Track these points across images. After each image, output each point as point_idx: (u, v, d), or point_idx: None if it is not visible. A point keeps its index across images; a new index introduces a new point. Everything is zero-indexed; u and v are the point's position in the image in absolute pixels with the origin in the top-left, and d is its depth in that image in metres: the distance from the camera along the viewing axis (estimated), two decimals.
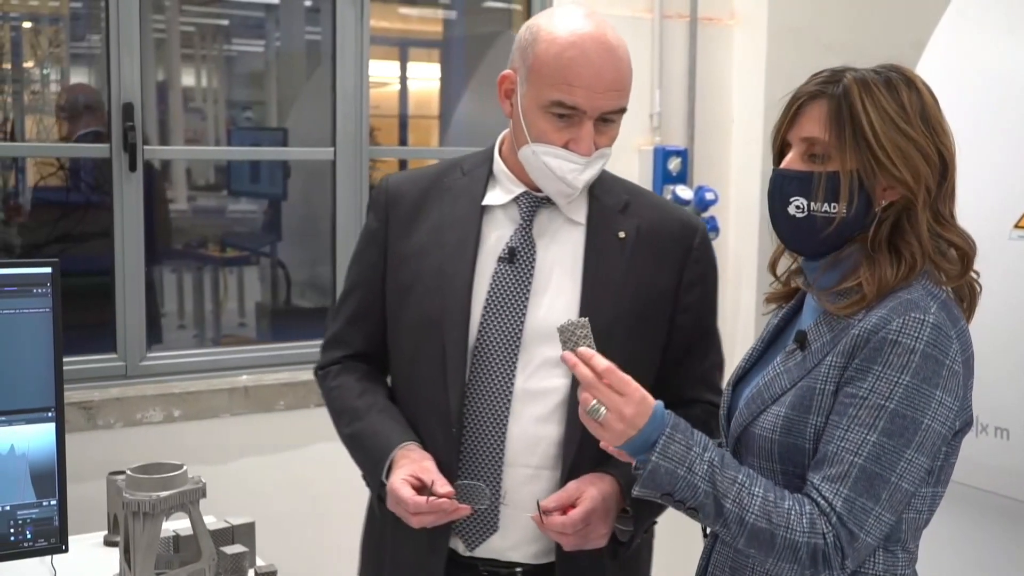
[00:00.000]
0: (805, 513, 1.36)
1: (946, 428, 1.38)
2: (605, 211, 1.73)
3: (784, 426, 1.43)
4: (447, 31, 6.53)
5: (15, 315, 1.99)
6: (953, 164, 1.44)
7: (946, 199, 1.44)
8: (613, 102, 1.65)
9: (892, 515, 1.38)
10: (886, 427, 1.34)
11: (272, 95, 7.17)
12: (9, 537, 2.01)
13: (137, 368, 2.80)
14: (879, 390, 1.35)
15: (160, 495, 1.96)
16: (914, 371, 1.34)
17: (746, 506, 1.36)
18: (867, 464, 1.35)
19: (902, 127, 1.40)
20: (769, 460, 1.45)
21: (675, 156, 3.28)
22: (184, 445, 2.69)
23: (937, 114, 1.44)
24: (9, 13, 6.34)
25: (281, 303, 5.24)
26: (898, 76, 1.44)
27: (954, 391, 1.37)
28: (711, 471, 1.37)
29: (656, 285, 1.73)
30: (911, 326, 1.35)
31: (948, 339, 1.36)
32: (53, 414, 2.03)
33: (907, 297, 1.38)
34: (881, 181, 1.41)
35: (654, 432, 1.39)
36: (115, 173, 2.74)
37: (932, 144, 1.41)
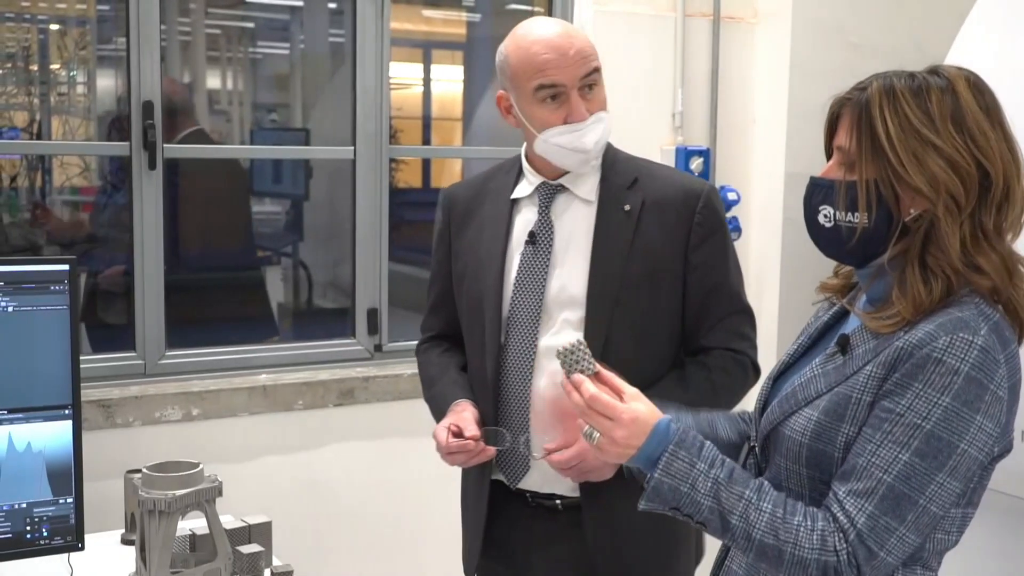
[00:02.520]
0: (817, 529, 1.34)
1: (983, 454, 1.34)
2: (613, 189, 1.95)
3: (815, 431, 1.40)
4: (471, 33, 6.53)
5: (32, 312, 2.00)
6: (1004, 173, 1.34)
7: (992, 211, 1.35)
8: (583, 66, 1.88)
9: (917, 537, 1.34)
10: (920, 447, 1.31)
11: (297, 97, 7.19)
12: (25, 535, 2.01)
13: (156, 366, 2.80)
14: (917, 408, 1.31)
15: (176, 493, 1.96)
16: (956, 393, 1.30)
17: (753, 522, 1.35)
18: (896, 483, 1.31)
19: (924, 134, 1.34)
20: (796, 463, 1.43)
21: (697, 156, 3.26)
22: (202, 444, 2.68)
23: (979, 120, 1.35)
24: (37, 15, 6.40)
25: (303, 303, 5.25)
26: (935, 80, 1.37)
27: (996, 417, 1.33)
28: (716, 488, 1.36)
29: (664, 250, 1.91)
30: (958, 346, 1.31)
31: (995, 363, 1.32)
32: (70, 411, 2.04)
33: (958, 315, 1.33)
34: (900, 191, 1.36)
35: (658, 448, 1.39)
36: (135, 171, 2.74)
37: (965, 152, 1.33)
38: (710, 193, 1.97)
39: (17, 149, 4.91)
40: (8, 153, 4.82)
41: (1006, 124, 1.38)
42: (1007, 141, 1.37)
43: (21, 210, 5.00)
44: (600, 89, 1.92)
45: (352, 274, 3.10)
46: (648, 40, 3.27)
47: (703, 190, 1.96)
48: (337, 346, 3.07)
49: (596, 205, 1.95)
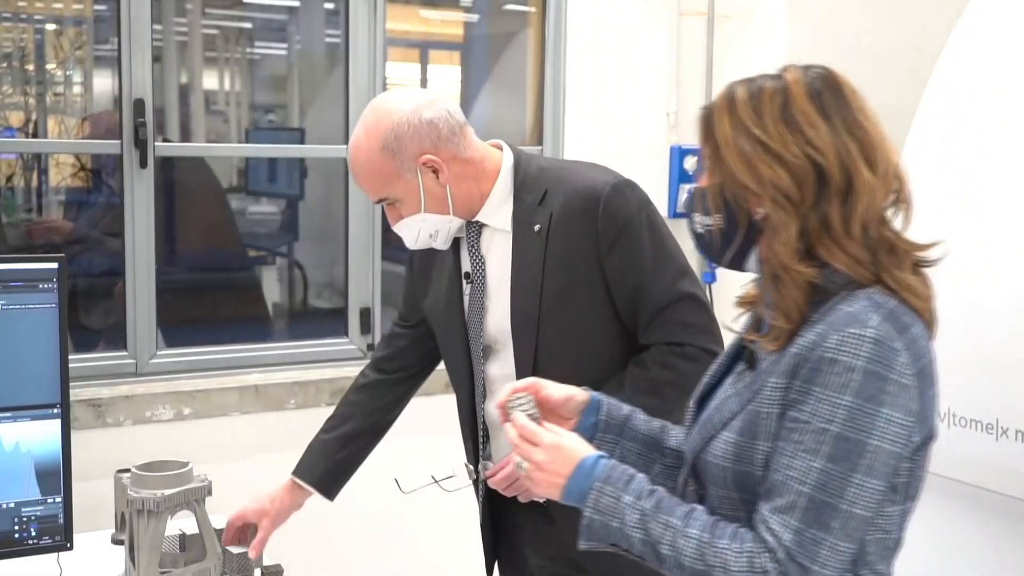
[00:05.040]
0: (744, 551, 1.31)
1: (899, 446, 1.30)
2: (525, 209, 1.91)
3: (735, 453, 1.38)
4: (467, 33, 6.52)
5: (21, 311, 1.99)
6: (841, 165, 1.33)
7: (836, 204, 1.33)
8: (369, 196, 1.96)
9: (849, 543, 1.30)
10: (831, 452, 1.28)
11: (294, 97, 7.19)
12: (14, 535, 2.00)
13: (147, 366, 2.80)
14: (820, 413, 1.28)
15: (165, 493, 1.95)
16: (856, 390, 1.27)
17: (681, 550, 1.33)
18: (814, 493, 1.28)
19: (754, 134, 1.33)
20: (725, 488, 1.40)
21: (691, 155, 3.25)
22: (193, 443, 2.67)
23: (809, 116, 1.33)
24: (33, 15, 6.39)
25: (298, 303, 5.24)
26: (771, 82, 1.37)
27: (904, 406, 1.29)
28: (644, 520, 1.35)
29: (576, 264, 1.87)
30: (849, 342, 1.28)
31: (893, 351, 1.29)
32: (59, 411, 2.03)
33: (847, 310, 1.31)
34: (742, 192, 1.36)
35: (585, 484, 1.39)
36: (126, 169, 2.73)
37: (795, 148, 1.32)
38: (612, 193, 1.87)
39: (7, 148, 4.90)
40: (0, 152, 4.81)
41: (854, 117, 1.36)
42: (850, 133, 1.35)
43: (18, 210, 4.99)
44: (400, 205, 1.90)
45: (345, 273, 3.10)
46: (642, 38, 3.26)
47: (604, 191, 1.87)
48: (330, 345, 3.07)
49: (511, 232, 1.93)
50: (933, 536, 2.62)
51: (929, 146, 2.64)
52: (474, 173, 1.91)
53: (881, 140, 1.37)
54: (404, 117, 1.86)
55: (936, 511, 2.61)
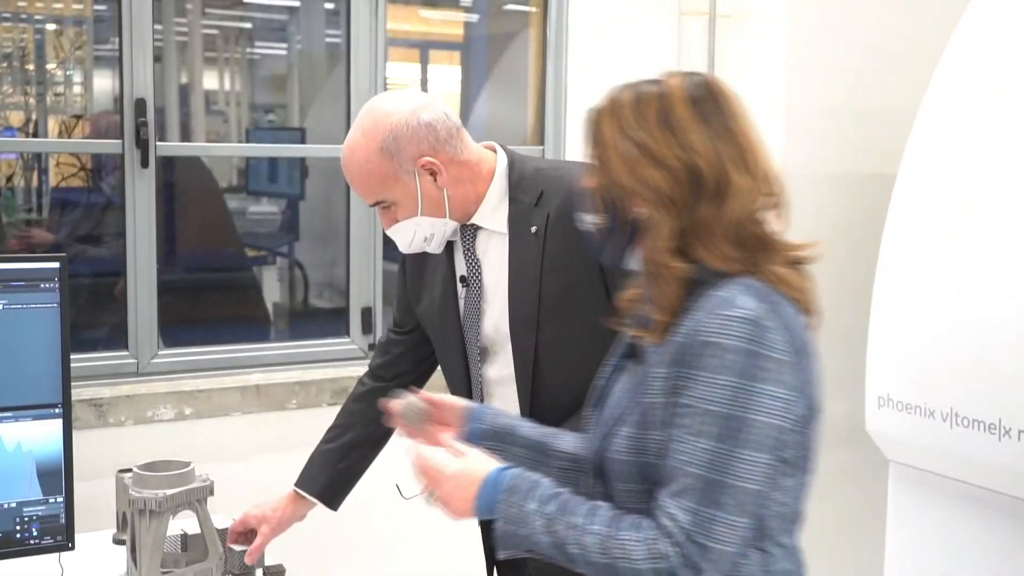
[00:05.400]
0: (644, 539, 1.34)
1: (782, 420, 1.34)
2: (522, 211, 1.90)
3: (633, 447, 1.42)
4: (467, 33, 6.52)
5: (23, 310, 1.99)
6: (715, 168, 1.38)
7: (711, 204, 1.38)
8: (364, 199, 1.94)
9: (745, 518, 1.34)
10: (716, 432, 1.32)
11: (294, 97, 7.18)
12: (15, 534, 2.00)
13: (148, 365, 2.79)
14: (704, 395, 1.33)
15: (166, 493, 1.95)
16: (735, 370, 1.32)
17: (587, 546, 1.37)
18: (705, 473, 1.32)
19: (634, 135, 1.39)
20: (629, 482, 1.44)
21: None
22: (195, 443, 2.67)
23: (687, 120, 1.38)
24: (33, 15, 6.38)
25: (299, 303, 5.24)
26: (652, 87, 1.43)
27: (783, 381, 1.34)
28: (549, 524, 1.39)
29: (575, 264, 1.85)
30: (727, 325, 1.33)
31: (767, 330, 1.33)
32: (60, 410, 2.02)
33: (722, 296, 1.36)
34: (623, 192, 1.41)
35: (492, 497, 1.43)
36: (127, 169, 2.73)
37: (673, 150, 1.37)
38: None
39: (8, 147, 4.89)
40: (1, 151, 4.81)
41: (731, 123, 1.41)
42: (726, 138, 1.39)
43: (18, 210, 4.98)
44: (396, 208, 1.89)
45: (346, 273, 3.09)
46: (643, 38, 3.25)
47: None
48: (331, 345, 3.06)
49: (508, 234, 1.92)
50: (937, 537, 2.62)
51: (931, 146, 2.64)
52: (470, 175, 1.91)
53: (756, 145, 1.42)
54: (403, 119, 1.85)
55: (940, 512, 2.61)
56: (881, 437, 2.72)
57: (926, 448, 2.58)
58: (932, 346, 2.55)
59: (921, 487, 2.64)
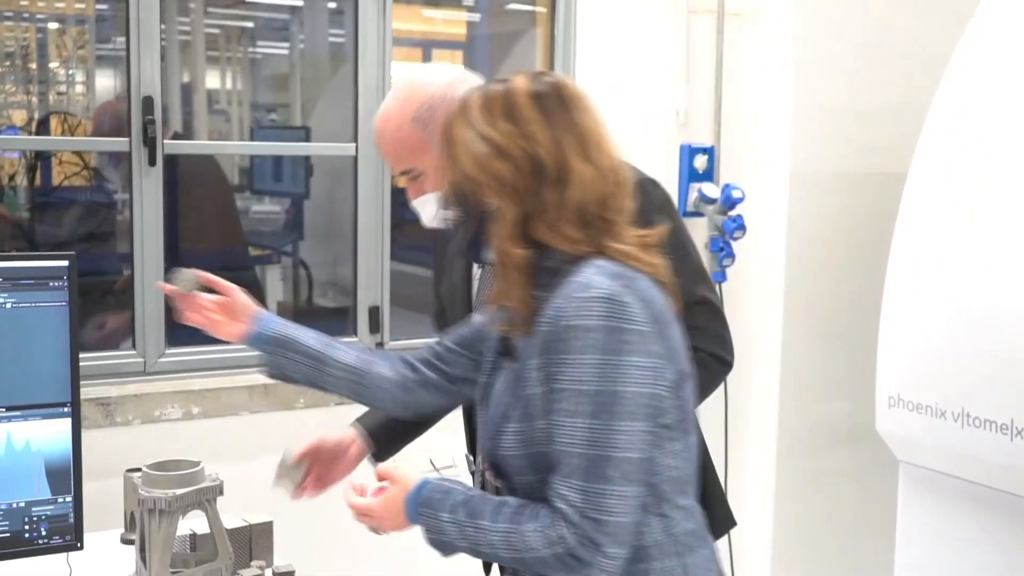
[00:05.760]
0: (540, 528, 1.40)
1: (653, 387, 1.40)
2: None
3: (522, 440, 1.47)
4: (470, 32, 6.51)
5: (32, 308, 1.98)
6: (555, 157, 1.44)
7: (553, 191, 1.45)
8: (393, 168, 1.95)
9: (633, 487, 1.39)
10: (591, 409, 1.38)
11: (296, 97, 7.17)
12: (23, 534, 1.99)
13: (156, 364, 2.79)
14: (574, 377, 1.38)
15: (176, 492, 1.94)
16: (599, 347, 1.37)
17: (495, 544, 1.43)
18: (587, 451, 1.38)
19: (480, 130, 1.46)
20: (525, 474, 1.49)
21: (701, 153, 3.23)
22: (203, 443, 2.66)
23: (530, 113, 1.46)
24: (36, 14, 6.38)
25: (303, 302, 5.23)
26: (499, 86, 1.50)
27: (648, 351, 1.40)
28: (461, 530, 1.46)
29: None
30: (584, 306, 1.39)
31: (623, 305, 1.39)
32: (69, 409, 2.01)
33: (577, 280, 1.42)
34: (474, 185, 1.48)
35: (415, 514, 1.51)
36: (134, 167, 2.72)
37: (515, 141, 1.45)
38: (637, 190, 1.83)
39: (16, 145, 4.88)
40: (7, 149, 4.79)
41: (574, 117, 1.48)
42: (567, 131, 1.46)
43: (19, 209, 4.97)
44: (423, 179, 1.91)
45: (353, 272, 3.08)
46: (652, 37, 3.24)
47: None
48: None
49: None
50: (948, 538, 2.61)
51: (942, 145, 2.63)
52: None
53: (600, 138, 1.49)
54: (439, 90, 1.87)
55: (951, 513, 2.60)
56: (891, 437, 2.71)
57: (937, 448, 2.57)
58: (943, 345, 2.55)
59: (932, 488, 2.63)
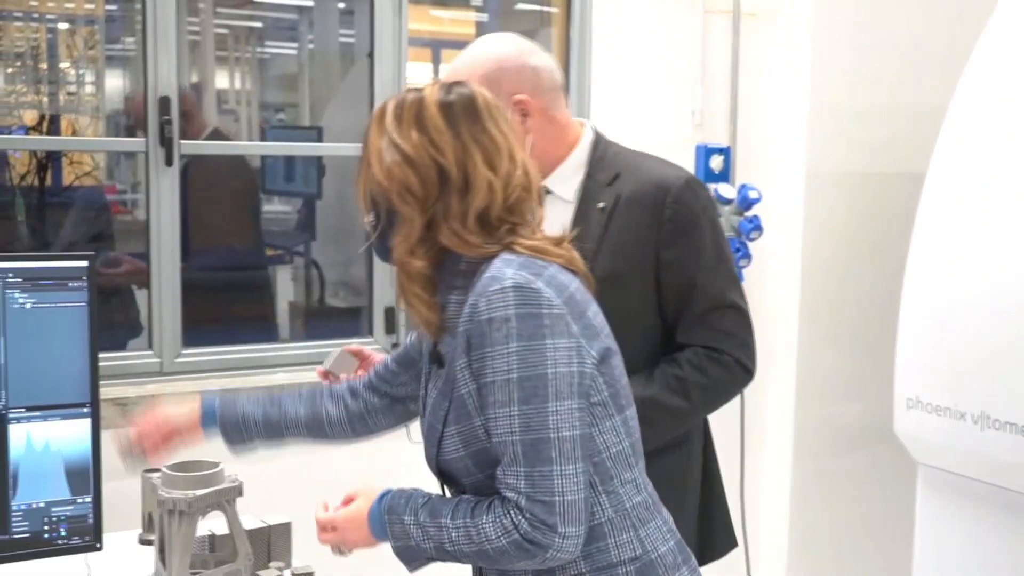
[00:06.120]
0: (493, 519, 1.44)
1: (578, 366, 1.44)
2: (594, 186, 1.94)
3: (462, 441, 1.51)
4: (479, 32, 6.51)
5: (51, 309, 1.97)
6: (458, 165, 1.49)
7: (456, 197, 1.49)
8: None
9: (576, 465, 1.42)
10: (520, 396, 1.41)
11: (305, 97, 7.16)
12: (43, 534, 1.98)
13: (172, 364, 2.79)
14: (499, 368, 1.42)
15: (196, 493, 1.94)
16: (517, 335, 1.41)
17: (456, 540, 1.47)
18: (523, 437, 1.41)
19: (391, 137, 1.50)
20: (473, 474, 1.52)
21: (717, 154, 3.22)
22: (220, 444, 2.64)
23: (437, 123, 1.49)
24: (46, 15, 6.39)
25: (315, 302, 5.23)
26: (412, 95, 1.54)
27: (565, 332, 1.43)
28: (424, 531, 1.50)
29: (633, 248, 1.89)
30: (495, 298, 1.42)
31: (534, 291, 1.43)
32: (89, 410, 2.01)
33: (486, 275, 1.46)
34: (380, 190, 1.52)
35: (380, 524, 1.55)
36: (151, 168, 2.72)
37: (422, 149, 1.49)
38: (684, 187, 1.91)
39: (33, 145, 4.88)
40: (23, 148, 4.78)
41: (482, 126, 1.51)
42: (474, 140, 1.50)
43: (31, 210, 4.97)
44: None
45: (369, 272, 3.08)
46: (667, 37, 3.24)
47: (676, 183, 1.90)
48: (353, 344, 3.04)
49: (574, 204, 1.96)
50: (967, 541, 2.59)
51: (961, 145, 2.62)
52: (556, 136, 1.95)
53: (510, 147, 1.53)
54: (512, 54, 1.92)
55: (970, 515, 2.59)
56: (910, 439, 2.70)
57: (956, 450, 2.55)
58: (962, 347, 2.53)
59: (951, 490, 2.61)
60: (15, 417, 1.95)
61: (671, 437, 1.95)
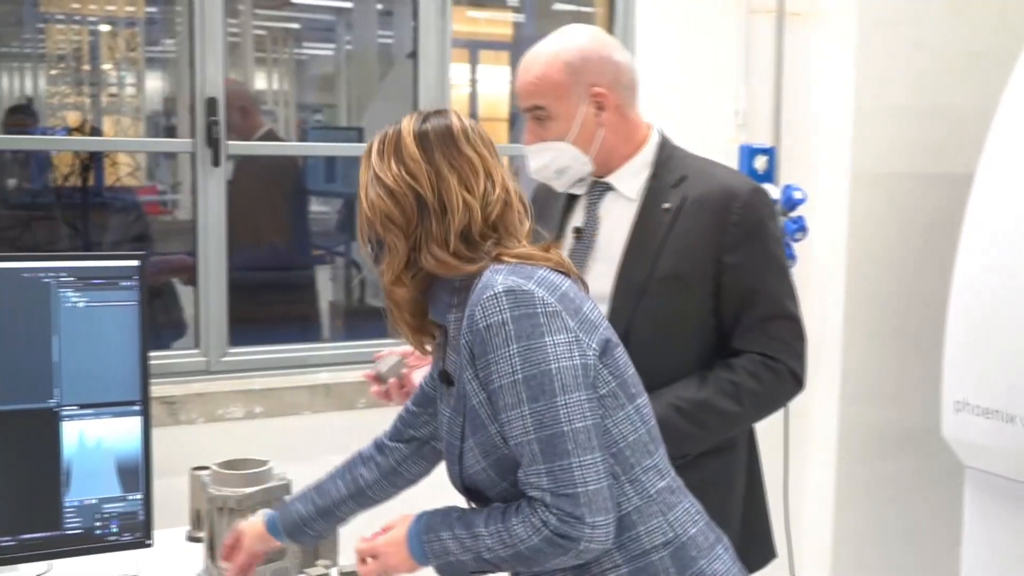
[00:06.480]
0: (525, 519, 1.46)
1: (577, 359, 1.46)
2: (659, 187, 1.96)
3: (482, 452, 1.54)
4: (517, 33, 6.51)
5: (103, 308, 1.99)
6: (434, 191, 1.52)
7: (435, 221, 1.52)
8: (522, 100, 1.96)
9: (593, 454, 1.44)
10: (528, 395, 1.44)
11: (343, 97, 7.20)
12: (95, 531, 2.01)
13: (218, 364, 2.81)
14: (503, 371, 1.45)
15: (245, 491, 1.95)
16: (516, 336, 1.44)
17: (492, 547, 1.48)
18: (538, 434, 1.43)
19: (373, 170, 1.55)
20: (497, 483, 1.54)
21: (762, 154, 3.20)
22: (265, 442, 2.66)
23: (412, 152, 1.53)
24: (87, 17, 6.46)
25: (355, 302, 5.25)
26: (393, 128, 1.58)
27: (562, 327, 1.46)
28: (462, 544, 1.51)
29: (696, 250, 1.90)
30: (490, 305, 1.45)
31: (526, 293, 1.46)
32: (140, 407, 2.03)
33: (479, 285, 1.49)
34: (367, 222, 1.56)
35: (419, 546, 1.55)
36: (199, 168, 2.75)
37: (400, 180, 1.52)
38: (751, 194, 1.93)
39: (81, 146, 4.93)
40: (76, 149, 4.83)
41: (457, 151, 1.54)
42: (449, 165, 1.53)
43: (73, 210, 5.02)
44: (549, 123, 1.94)
45: None
46: (711, 37, 3.23)
47: (744, 190, 1.93)
48: (396, 344, 3.05)
49: (639, 203, 1.97)
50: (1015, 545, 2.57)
51: (1010, 146, 2.59)
52: (626, 133, 1.98)
53: (488, 168, 1.56)
54: (596, 46, 1.94)
55: (1018, 519, 2.56)
56: (958, 442, 2.68)
57: (1004, 453, 2.53)
58: (1011, 349, 2.51)
59: (999, 494, 2.59)
60: (68, 415, 1.97)
61: (719, 441, 1.95)
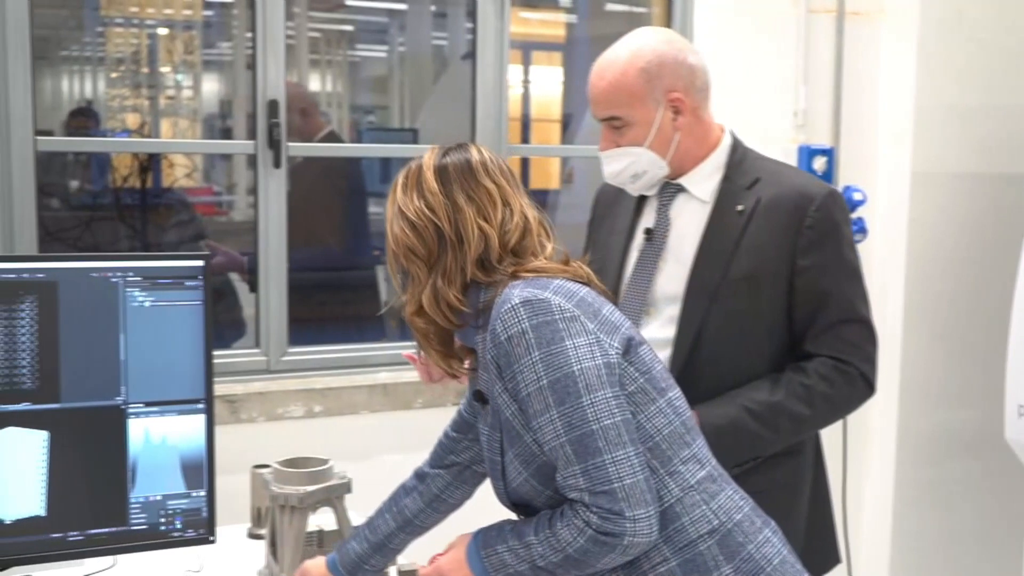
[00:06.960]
0: (568, 522, 1.48)
1: (599, 359, 1.49)
2: (733, 189, 1.96)
3: (522, 463, 1.56)
4: (570, 34, 6.51)
5: (168, 307, 2.02)
6: (451, 222, 1.57)
7: (456, 252, 1.57)
8: (598, 109, 1.97)
9: (624, 448, 1.46)
10: (555, 399, 1.46)
11: (396, 99, 7.24)
12: (159, 527, 2.03)
13: (278, 363, 2.84)
14: (528, 379, 1.48)
15: (307, 489, 1.97)
16: (537, 344, 1.47)
17: (544, 554, 1.51)
18: (569, 436, 1.46)
19: (400, 204, 1.61)
20: (541, 493, 1.57)
21: (821, 155, 3.18)
22: (324, 441, 2.68)
23: (432, 186, 1.59)
24: (146, 20, 6.56)
25: None
26: (415, 162, 1.63)
27: (582, 330, 1.49)
28: (517, 554, 1.54)
29: (770, 252, 1.90)
30: (509, 317, 1.49)
31: (543, 302, 1.49)
32: (204, 405, 2.05)
33: (499, 300, 1.53)
34: (394, 254, 1.62)
35: (478, 561, 1.58)
36: (260, 170, 2.78)
37: (420, 213, 1.58)
38: (827, 197, 1.92)
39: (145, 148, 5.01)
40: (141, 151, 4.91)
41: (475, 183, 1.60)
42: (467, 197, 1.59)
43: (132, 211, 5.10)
44: (626, 130, 1.94)
45: None
46: (770, 36, 3.21)
47: (820, 193, 1.92)
48: None
49: (712, 205, 1.97)
50: None
51: None
52: (700, 136, 1.98)
53: (501, 197, 1.61)
54: (672, 51, 1.94)
55: None
56: (1021, 447, 2.63)
57: None
58: None
59: None
60: (134, 412, 2.00)
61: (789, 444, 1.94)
